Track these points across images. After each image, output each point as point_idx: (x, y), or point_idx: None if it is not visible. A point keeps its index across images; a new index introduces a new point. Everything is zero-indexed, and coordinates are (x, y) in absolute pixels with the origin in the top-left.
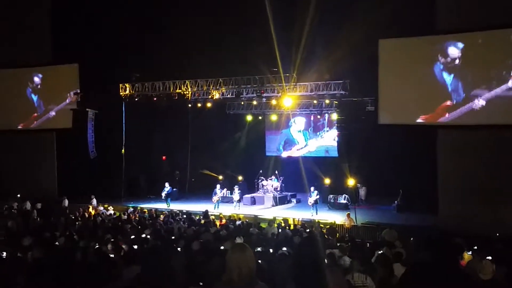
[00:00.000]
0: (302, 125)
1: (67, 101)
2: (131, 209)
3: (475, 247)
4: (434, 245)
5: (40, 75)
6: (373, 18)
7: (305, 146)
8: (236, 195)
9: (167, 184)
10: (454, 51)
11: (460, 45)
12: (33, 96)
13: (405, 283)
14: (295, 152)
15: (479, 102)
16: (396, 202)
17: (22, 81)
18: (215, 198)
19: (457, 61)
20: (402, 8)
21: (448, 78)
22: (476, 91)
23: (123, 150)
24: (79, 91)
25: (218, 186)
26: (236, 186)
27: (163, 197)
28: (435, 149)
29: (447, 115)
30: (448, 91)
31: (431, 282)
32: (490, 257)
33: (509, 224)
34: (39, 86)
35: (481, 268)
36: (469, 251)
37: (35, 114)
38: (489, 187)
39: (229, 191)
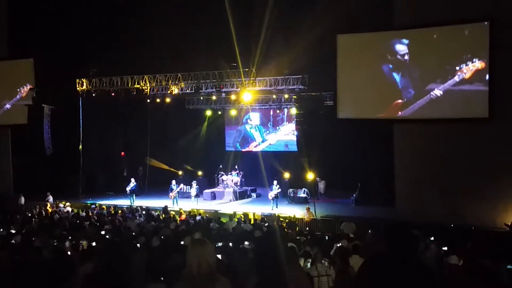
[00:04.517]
0: (257, 121)
1: (18, 96)
2: (94, 205)
3: (432, 238)
4: (391, 237)
5: None
6: (332, 13)
7: (262, 142)
8: (193, 190)
9: (133, 180)
10: (404, 48)
11: (414, 40)
12: None
13: (363, 274)
14: (252, 149)
15: (433, 96)
16: (354, 195)
17: None
18: (171, 194)
19: (407, 58)
20: (360, 4)
21: (399, 74)
22: (431, 85)
23: (80, 146)
24: (34, 87)
25: (173, 181)
26: (194, 181)
27: (128, 193)
28: (392, 143)
29: (399, 113)
30: (399, 87)
31: (388, 273)
32: (446, 248)
33: (464, 215)
34: None
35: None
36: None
37: None
38: (444, 180)
39: (188, 186)
